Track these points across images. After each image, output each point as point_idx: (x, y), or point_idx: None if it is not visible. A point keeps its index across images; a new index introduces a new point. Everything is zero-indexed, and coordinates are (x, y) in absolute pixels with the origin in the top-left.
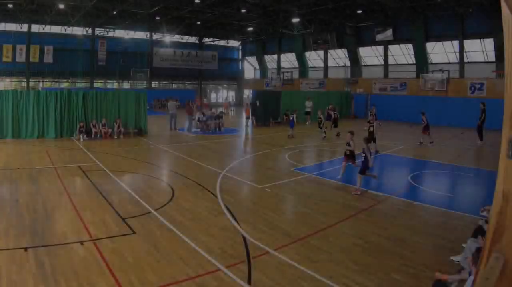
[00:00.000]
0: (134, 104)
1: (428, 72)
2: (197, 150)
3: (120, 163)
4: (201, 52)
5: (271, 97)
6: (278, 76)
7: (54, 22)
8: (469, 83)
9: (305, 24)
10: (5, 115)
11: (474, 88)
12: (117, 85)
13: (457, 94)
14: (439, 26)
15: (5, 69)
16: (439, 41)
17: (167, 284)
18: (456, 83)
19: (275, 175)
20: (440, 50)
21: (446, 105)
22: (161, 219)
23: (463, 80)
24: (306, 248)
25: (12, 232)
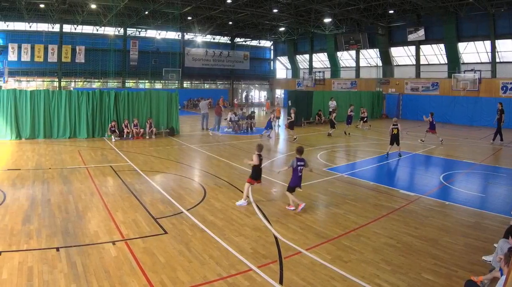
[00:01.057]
0: (166, 104)
1: (460, 72)
2: (229, 150)
3: (152, 163)
4: (233, 52)
5: (303, 98)
6: (310, 76)
7: (86, 22)
8: (501, 83)
9: (337, 24)
10: (37, 115)
11: (506, 88)
12: (148, 85)
13: (489, 94)
14: (471, 26)
15: (37, 69)
16: (471, 41)
17: (199, 284)
18: (488, 83)
19: (307, 175)
20: (472, 50)
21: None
22: (193, 219)
23: (495, 80)
24: (338, 248)
25: (44, 232)
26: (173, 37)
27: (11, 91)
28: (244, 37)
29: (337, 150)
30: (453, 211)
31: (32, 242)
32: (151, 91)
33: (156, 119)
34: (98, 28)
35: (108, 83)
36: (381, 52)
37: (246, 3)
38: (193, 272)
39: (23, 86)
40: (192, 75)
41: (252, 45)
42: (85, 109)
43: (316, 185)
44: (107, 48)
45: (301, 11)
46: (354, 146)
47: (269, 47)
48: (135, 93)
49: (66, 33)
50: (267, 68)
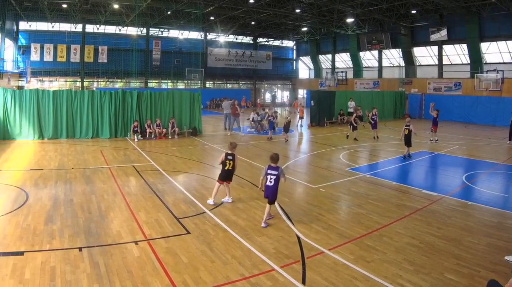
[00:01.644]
0: (189, 104)
1: (482, 72)
2: (252, 150)
3: (175, 163)
4: (256, 52)
5: (325, 98)
6: (333, 76)
7: (108, 22)
8: None
9: (359, 24)
10: (59, 115)
11: None
12: (171, 85)
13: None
14: (493, 26)
15: (60, 69)
16: (493, 41)
17: (222, 284)
18: (510, 83)
19: (330, 175)
20: (494, 50)
21: (501, 105)
22: (216, 219)
23: None
24: (361, 248)
25: (66, 232)
26: (196, 37)
27: (34, 91)
28: (267, 37)
29: (359, 150)
30: (475, 211)
31: (55, 242)
32: (173, 91)
33: (178, 119)
34: (121, 28)
35: (131, 83)
36: (403, 52)
37: (269, 3)
38: (215, 272)
39: (46, 86)
40: (215, 75)
41: (275, 45)
42: (108, 109)
43: (339, 185)
44: (129, 48)
45: (324, 11)
46: (377, 145)
47: (291, 47)
48: (157, 93)
49: (89, 33)
50: (289, 68)
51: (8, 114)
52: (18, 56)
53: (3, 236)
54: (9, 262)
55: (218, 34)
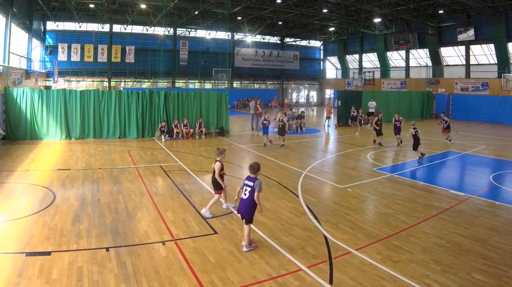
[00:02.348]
0: (216, 104)
1: (509, 72)
2: (278, 150)
3: (202, 163)
4: (283, 52)
5: (352, 98)
6: (360, 76)
7: (136, 22)
8: None
9: (386, 24)
10: (86, 115)
11: None
12: (198, 85)
13: None
14: None
15: (87, 69)
16: None
17: (249, 284)
18: None
19: (357, 175)
20: None
21: None
22: None
23: None
24: (388, 248)
25: (94, 232)
26: (223, 37)
27: (61, 91)
28: (294, 37)
29: (386, 150)
30: (503, 211)
31: (82, 242)
32: (201, 91)
33: (206, 119)
34: (148, 28)
35: (158, 83)
36: (430, 52)
37: (296, 3)
38: (243, 272)
39: (73, 86)
40: (242, 75)
41: (302, 45)
42: (135, 109)
43: (366, 185)
44: (157, 48)
45: (351, 11)
46: (403, 145)
47: (319, 47)
48: (184, 93)
49: (116, 33)
50: (317, 68)
51: (36, 114)
52: (45, 56)
53: (30, 236)
54: (36, 262)
55: (245, 34)
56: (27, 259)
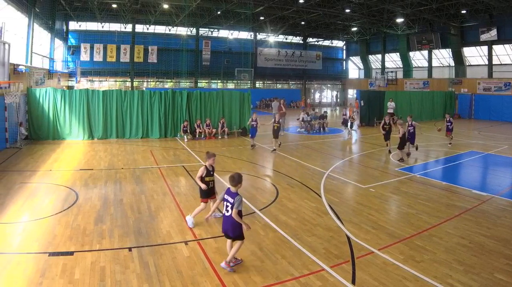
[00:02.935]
0: (238, 104)
1: None
2: (301, 150)
3: (224, 163)
4: (305, 52)
5: (375, 98)
6: (382, 76)
7: (158, 22)
8: None
9: (409, 24)
10: (109, 115)
11: None
12: (221, 85)
13: None
14: None
15: (109, 69)
16: None
17: (271, 284)
18: None
19: (379, 175)
20: None
21: None
22: (266, 219)
23: None
24: (410, 248)
25: (116, 232)
26: (246, 37)
27: (84, 91)
28: (317, 37)
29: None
30: None
31: (105, 242)
32: (223, 91)
33: (228, 119)
34: (171, 28)
35: (181, 83)
36: (453, 52)
37: (319, 3)
38: (265, 272)
39: (96, 86)
40: (265, 75)
41: (325, 45)
42: (158, 109)
43: (388, 185)
44: (179, 48)
45: (374, 11)
46: (426, 146)
47: (341, 47)
48: (207, 93)
49: (139, 33)
50: (339, 68)
51: (58, 114)
52: (68, 56)
53: (53, 236)
54: (59, 262)
55: (267, 34)
56: (50, 259)
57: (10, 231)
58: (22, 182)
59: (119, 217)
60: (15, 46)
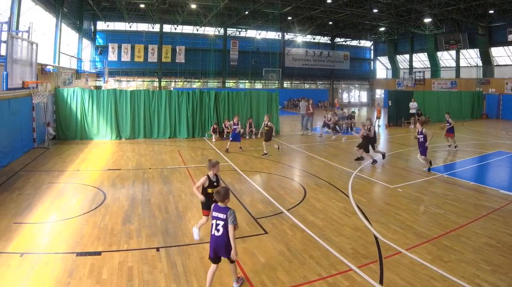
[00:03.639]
0: (266, 104)
1: None
2: (329, 150)
3: (252, 163)
4: (333, 52)
5: (403, 98)
6: (410, 76)
7: (186, 22)
8: None
9: (436, 24)
10: (137, 115)
11: None
12: (249, 85)
13: None
14: None
15: (137, 69)
16: None
17: (299, 284)
18: None
19: (407, 175)
20: None
21: None
22: (293, 219)
23: None
24: (438, 248)
25: (144, 232)
26: (273, 37)
27: (111, 91)
28: (344, 37)
29: (436, 150)
30: None
31: (132, 242)
32: (251, 91)
33: (256, 119)
34: (198, 28)
35: (208, 83)
36: (481, 52)
37: (346, 3)
38: (293, 272)
39: (123, 86)
40: (292, 75)
41: (352, 45)
42: (185, 109)
43: (416, 185)
44: (207, 48)
45: (401, 11)
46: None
47: (369, 47)
48: (235, 93)
49: (166, 33)
50: (367, 68)
51: (86, 114)
52: (95, 56)
53: (81, 236)
54: (87, 262)
55: (295, 34)
56: (78, 259)
57: (38, 231)
58: (50, 182)
59: (147, 217)
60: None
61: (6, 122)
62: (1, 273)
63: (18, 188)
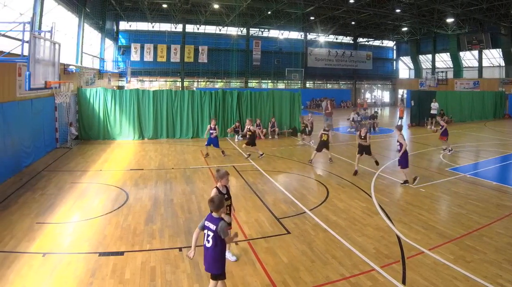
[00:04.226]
0: (289, 104)
1: None
2: (352, 150)
3: (275, 163)
4: (356, 52)
5: (425, 98)
6: (433, 76)
7: (209, 22)
8: None
9: (459, 24)
10: (159, 115)
11: None
12: (271, 85)
13: None
14: None
15: (160, 69)
16: None
17: (322, 284)
18: None
19: (430, 175)
20: None
21: None
22: (316, 219)
23: None
24: (461, 248)
25: (167, 232)
26: (296, 37)
27: (134, 91)
28: (367, 37)
29: (459, 150)
30: None
31: (155, 242)
32: (273, 91)
33: (278, 119)
34: (221, 28)
35: (231, 83)
36: (503, 52)
37: (369, 3)
38: (315, 272)
39: (146, 86)
40: (315, 75)
41: (375, 45)
42: (208, 109)
43: (439, 185)
44: (229, 48)
45: (424, 11)
46: (477, 145)
47: (391, 47)
48: (257, 93)
49: (189, 33)
50: (389, 68)
51: (109, 114)
52: (118, 56)
53: (104, 236)
54: (109, 262)
55: (318, 34)
56: (100, 259)
57: (60, 231)
58: (72, 182)
59: (170, 217)
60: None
61: (29, 123)
62: (24, 273)
63: (40, 187)
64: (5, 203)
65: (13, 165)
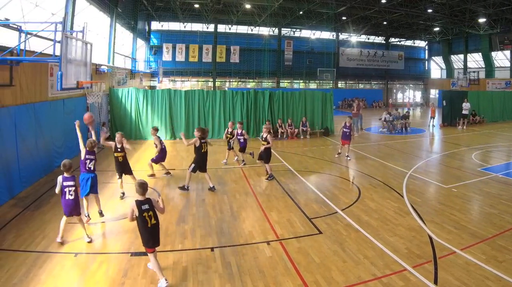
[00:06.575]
0: (321, 104)
1: None
2: (383, 150)
3: (307, 163)
4: (388, 52)
5: (457, 98)
6: (464, 77)
7: (240, 22)
8: None
9: (491, 24)
10: (191, 115)
11: None
12: (303, 85)
13: None
14: None
15: (191, 69)
16: None
17: (353, 284)
18: None
19: (462, 175)
20: None
21: None
22: (348, 219)
23: None
24: (493, 248)
25: (198, 232)
26: (328, 37)
27: (166, 91)
28: (399, 37)
29: (491, 150)
30: None
31: (187, 242)
32: (305, 91)
33: (310, 119)
34: (253, 28)
35: (263, 83)
36: None
37: (401, 3)
38: (347, 272)
39: (178, 86)
40: (347, 75)
41: (407, 45)
42: (240, 109)
43: (471, 185)
44: (261, 48)
45: (456, 11)
46: (509, 145)
47: (423, 47)
48: (289, 93)
49: (221, 33)
50: (421, 68)
51: (140, 114)
52: (150, 56)
53: (136, 236)
54: (141, 262)
55: (350, 34)
56: (132, 259)
57: (92, 231)
58: (104, 182)
59: (201, 217)
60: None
61: (60, 122)
62: (56, 273)
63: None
64: (38, 203)
65: (45, 164)
